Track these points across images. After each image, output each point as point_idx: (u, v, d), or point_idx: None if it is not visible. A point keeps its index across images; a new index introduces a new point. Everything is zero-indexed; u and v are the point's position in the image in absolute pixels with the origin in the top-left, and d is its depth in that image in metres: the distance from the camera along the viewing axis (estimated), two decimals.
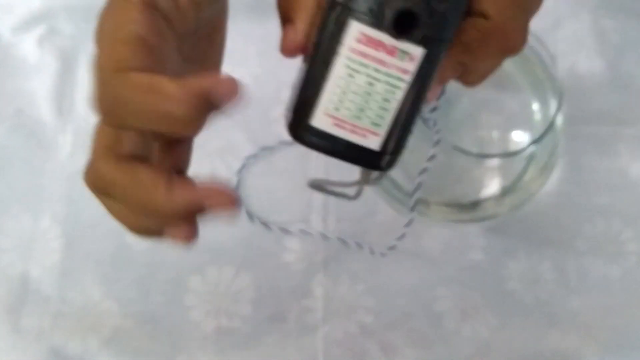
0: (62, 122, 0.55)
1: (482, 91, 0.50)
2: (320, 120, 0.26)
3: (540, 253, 0.52)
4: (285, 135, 0.28)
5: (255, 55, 0.57)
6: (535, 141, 0.43)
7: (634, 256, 0.52)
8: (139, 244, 0.52)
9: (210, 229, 0.52)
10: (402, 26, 0.23)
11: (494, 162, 0.47)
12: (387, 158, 0.27)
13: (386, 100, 0.25)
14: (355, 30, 0.24)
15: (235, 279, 0.52)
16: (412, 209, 0.43)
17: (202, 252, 0.52)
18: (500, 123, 0.49)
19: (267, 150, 0.54)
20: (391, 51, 0.25)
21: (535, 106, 0.48)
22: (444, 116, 0.47)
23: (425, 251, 0.52)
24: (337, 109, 0.26)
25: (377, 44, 0.24)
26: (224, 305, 0.51)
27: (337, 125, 0.26)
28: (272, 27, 0.57)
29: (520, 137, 0.48)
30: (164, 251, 0.52)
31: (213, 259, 0.52)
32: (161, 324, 0.51)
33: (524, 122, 0.48)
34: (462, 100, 0.49)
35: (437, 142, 0.41)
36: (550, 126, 0.43)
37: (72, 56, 0.57)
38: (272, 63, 0.56)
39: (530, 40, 0.46)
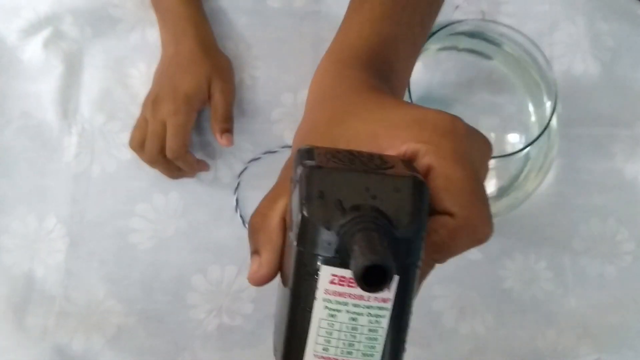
0: (67, 124, 0.56)
1: (479, 94, 0.50)
2: None
3: (536, 253, 0.53)
4: (286, 138, 0.28)
5: (255, 59, 0.57)
6: (531, 142, 0.43)
7: (629, 256, 0.53)
8: (142, 243, 0.53)
9: (213, 229, 0.53)
10: (372, 278, 0.22)
11: (491, 163, 0.47)
12: None
13: (373, 330, 0.25)
14: (327, 273, 0.24)
15: (236, 278, 0.52)
16: None
17: (205, 252, 0.53)
18: (497, 125, 0.49)
19: (268, 153, 0.55)
20: None
21: (531, 108, 0.48)
22: None
23: None
24: (326, 350, 0.25)
25: (351, 281, 0.24)
26: (226, 304, 0.52)
27: None
28: (272, 31, 0.58)
29: (516, 139, 0.49)
30: (167, 251, 0.53)
31: (215, 259, 0.53)
32: (164, 323, 0.52)
33: (520, 124, 0.48)
34: (459, 103, 0.50)
35: None
36: (545, 128, 0.43)
37: (77, 59, 0.57)
38: (272, 67, 0.57)
39: (526, 43, 0.47)
